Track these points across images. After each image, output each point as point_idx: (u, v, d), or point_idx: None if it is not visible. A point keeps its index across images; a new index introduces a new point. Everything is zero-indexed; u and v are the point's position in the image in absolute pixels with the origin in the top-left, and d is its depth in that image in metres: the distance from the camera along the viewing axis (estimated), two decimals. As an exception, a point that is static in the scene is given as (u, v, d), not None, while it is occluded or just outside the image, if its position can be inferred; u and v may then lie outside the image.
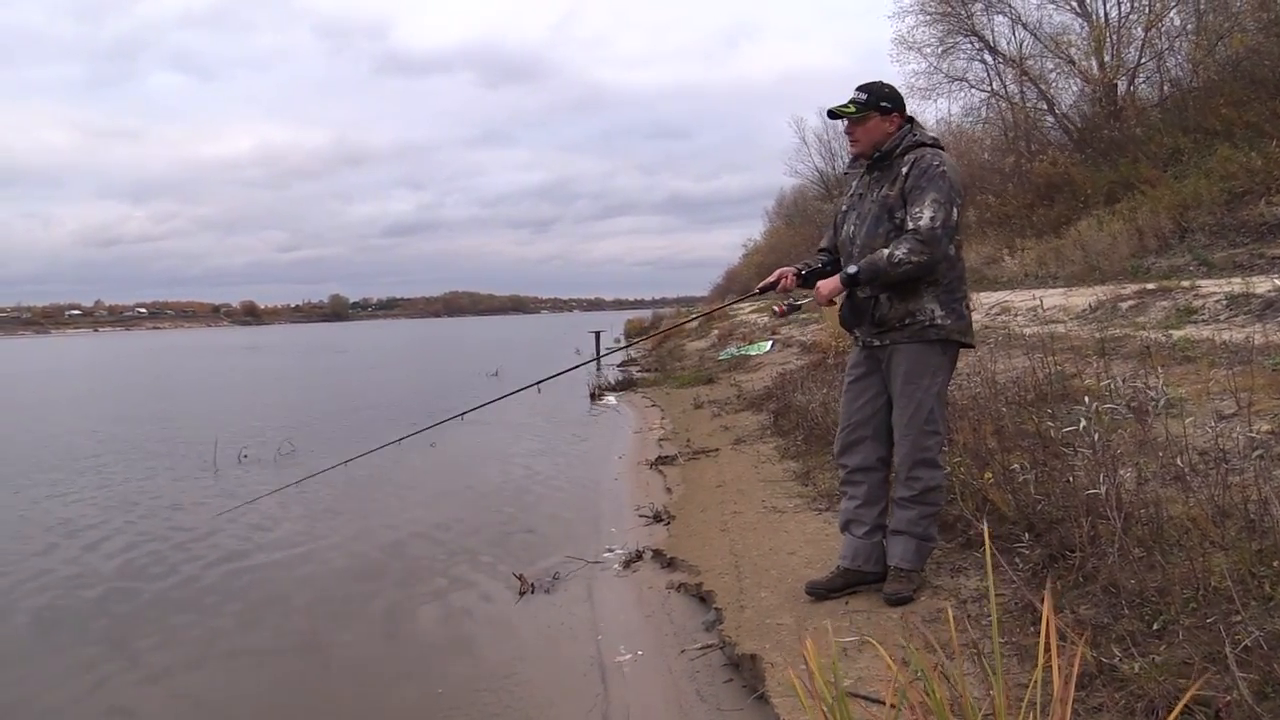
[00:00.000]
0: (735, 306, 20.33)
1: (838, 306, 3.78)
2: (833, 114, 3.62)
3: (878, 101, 3.57)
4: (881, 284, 3.49)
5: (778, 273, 3.79)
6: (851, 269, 3.50)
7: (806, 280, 3.79)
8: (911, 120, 3.65)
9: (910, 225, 3.40)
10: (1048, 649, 1.70)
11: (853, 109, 3.56)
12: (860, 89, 3.61)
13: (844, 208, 3.84)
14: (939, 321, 3.50)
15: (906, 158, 3.52)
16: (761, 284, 3.86)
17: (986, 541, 1.82)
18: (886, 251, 3.41)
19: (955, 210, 3.43)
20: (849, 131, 3.64)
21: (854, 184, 3.83)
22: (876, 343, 3.64)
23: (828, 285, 3.61)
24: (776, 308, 3.87)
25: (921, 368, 3.52)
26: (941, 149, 3.58)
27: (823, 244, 3.96)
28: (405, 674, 3.98)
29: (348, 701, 3.77)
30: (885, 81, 3.69)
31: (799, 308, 3.87)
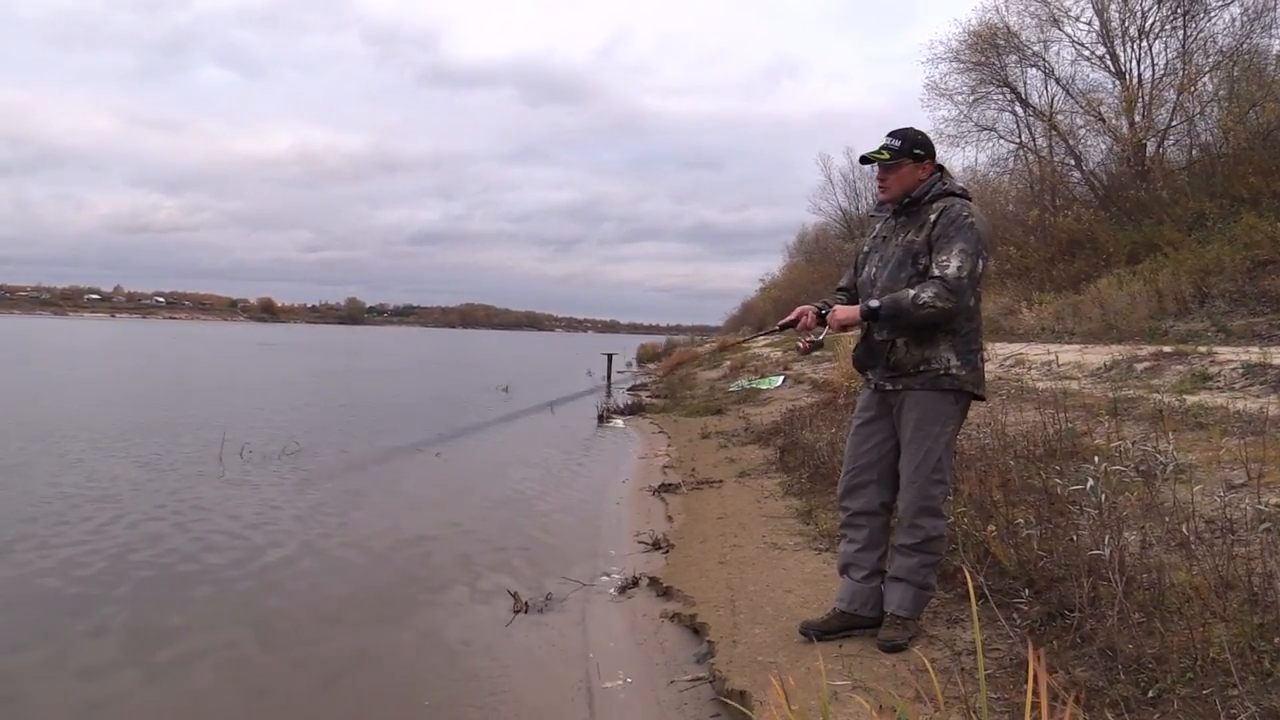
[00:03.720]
0: (750, 341, 20.35)
1: (852, 347, 3.78)
2: (865, 160, 3.63)
3: (911, 149, 3.57)
4: (900, 324, 3.48)
5: (798, 310, 3.78)
6: (874, 303, 3.47)
7: (824, 320, 3.78)
8: (941, 168, 3.65)
9: (936, 273, 3.39)
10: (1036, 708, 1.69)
11: (886, 155, 3.56)
12: (893, 135, 3.60)
13: (866, 249, 3.83)
14: (954, 371, 3.48)
15: (935, 205, 3.52)
16: (782, 321, 3.86)
17: (972, 598, 1.81)
18: (912, 293, 3.39)
19: (981, 263, 3.43)
20: (880, 178, 3.62)
21: (878, 226, 3.83)
22: (889, 386, 3.62)
23: (845, 311, 3.58)
24: (800, 344, 3.85)
25: (933, 416, 3.51)
26: (970, 200, 3.57)
27: (842, 283, 3.95)
28: (392, 684, 3.96)
29: (332, 710, 3.76)
30: (917, 128, 3.69)
31: (821, 344, 3.84)
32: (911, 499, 3.53)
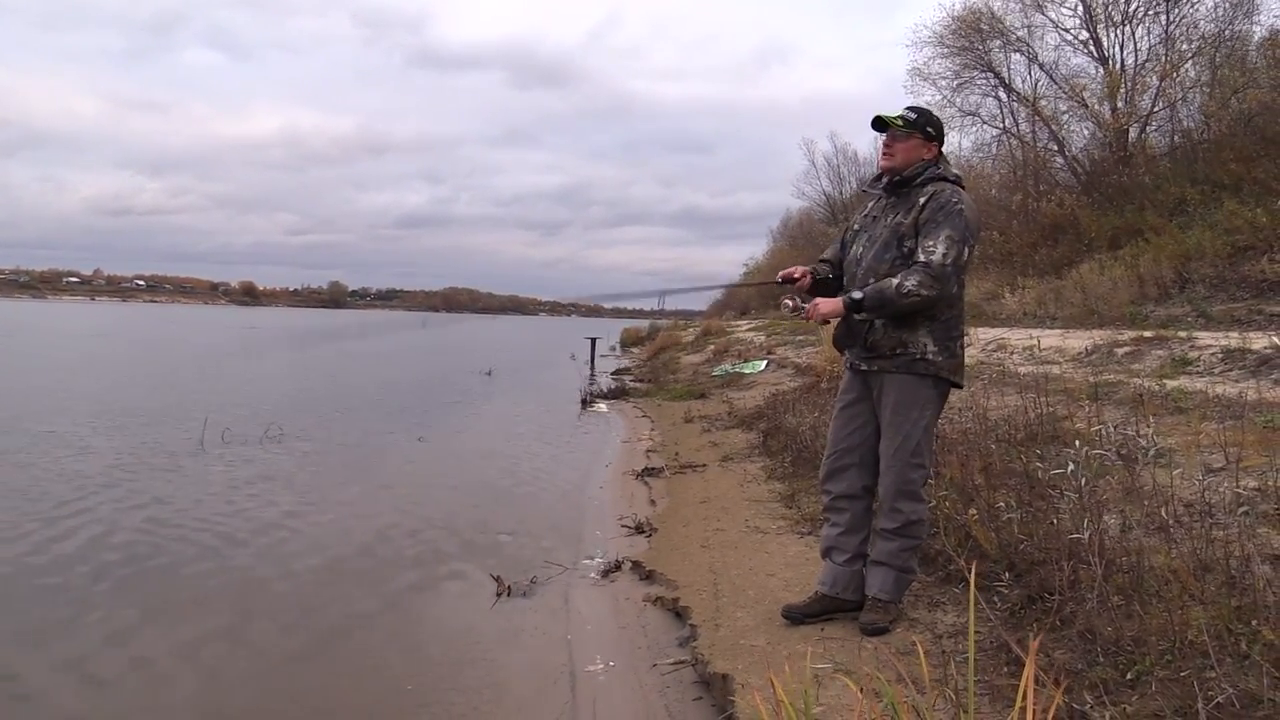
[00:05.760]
0: (734, 323, 20.37)
1: (832, 326, 3.78)
2: (879, 122, 3.59)
3: (925, 125, 3.58)
4: (885, 313, 3.48)
5: (800, 270, 3.77)
6: (857, 294, 3.47)
7: (815, 286, 3.76)
8: (942, 154, 3.65)
9: (922, 258, 3.39)
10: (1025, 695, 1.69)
11: (901, 123, 3.55)
12: (911, 108, 3.62)
13: (855, 227, 3.82)
14: (930, 357, 3.49)
15: (927, 189, 3.51)
16: (783, 273, 3.82)
17: (972, 581, 1.81)
18: (895, 281, 3.39)
19: (967, 250, 3.43)
20: (888, 144, 3.60)
21: (869, 205, 3.81)
22: (864, 367, 3.64)
23: (828, 305, 3.57)
24: (789, 300, 3.82)
25: (911, 400, 3.51)
26: (963, 187, 3.57)
27: (826, 254, 3.91)
28: (374, 668, 3.95)
29: (313, 693, 3.75)
30: (934, 111, 3.71)
31: (804, 309, 3.80)
32: (890, 483, 3.54)
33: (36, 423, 10.54)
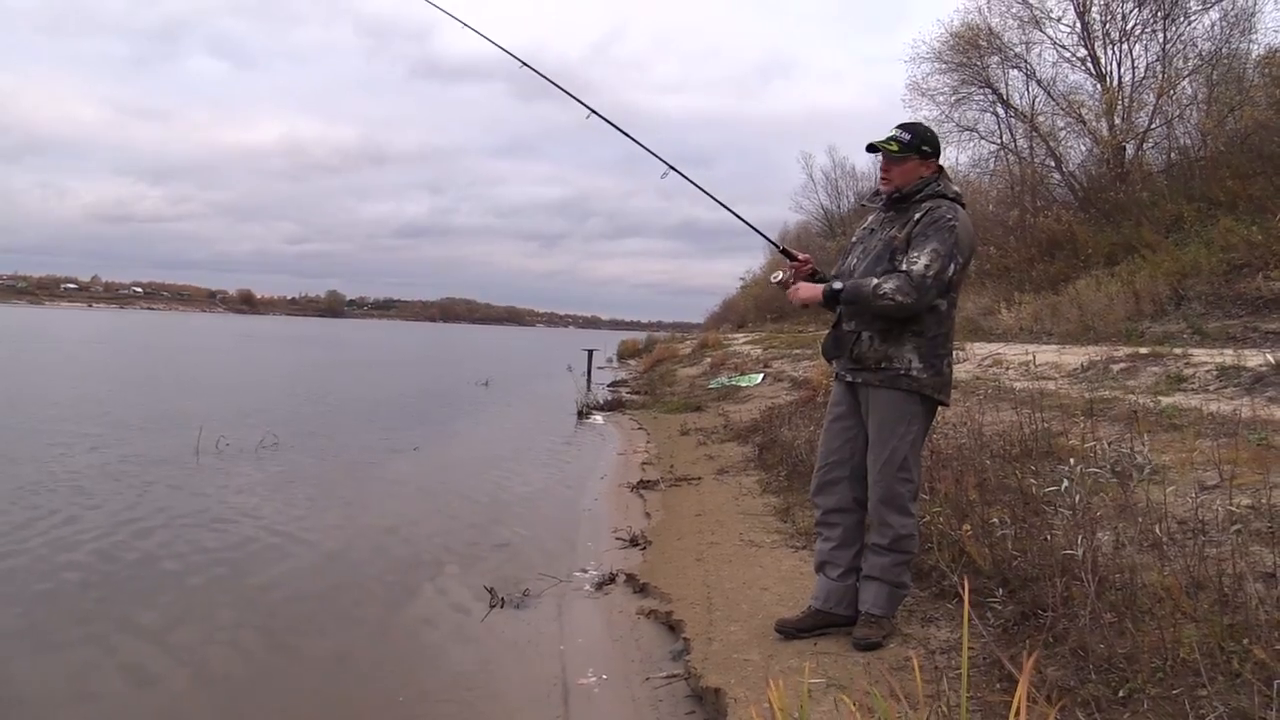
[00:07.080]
0: (731, 336, 20.37)
1: (824, 335, 3.81)
2: (873, 148, 3.61)
3: (920, 145, 3.57)
4: (859, 310, 3.51)
5: (807, 258, 3.83)
6: (837, 285, 3.53)
7: (813, 279, 3.79)
8: (942, 170, 3.66)
9: (904, 267, 3.41)
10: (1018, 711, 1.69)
11: (895, 147, 3.55)
12: (904, 128, 3.61)
13: (855, 239, 3.85)
14: (914, 373, 3.49)
15: (924, 204, 3.51)
16: (790, 249, 3.88)
17: (965, 599, 1.81)
18: (875, 281, 3.41)
19: (953, 266, 3.43)
20: (884, 168, 3.61)
21: (869, 218, 3.83)
22: (849, 378, 3.66)
23: (807, 290, 3.64)
24: (779, 272, 3.87)
25: (897, 415, 3.52)
26: (961, 205, 3.57)
27: (832, 272, 3.95)
28: (366, 679, 3.94)
29: (306, 703, 3.74)
30: (928, 125, 3.71)
31: (787, 287, 3.85)
32: (878, 497, 3.55)
33: (35, 430, 10.53)
